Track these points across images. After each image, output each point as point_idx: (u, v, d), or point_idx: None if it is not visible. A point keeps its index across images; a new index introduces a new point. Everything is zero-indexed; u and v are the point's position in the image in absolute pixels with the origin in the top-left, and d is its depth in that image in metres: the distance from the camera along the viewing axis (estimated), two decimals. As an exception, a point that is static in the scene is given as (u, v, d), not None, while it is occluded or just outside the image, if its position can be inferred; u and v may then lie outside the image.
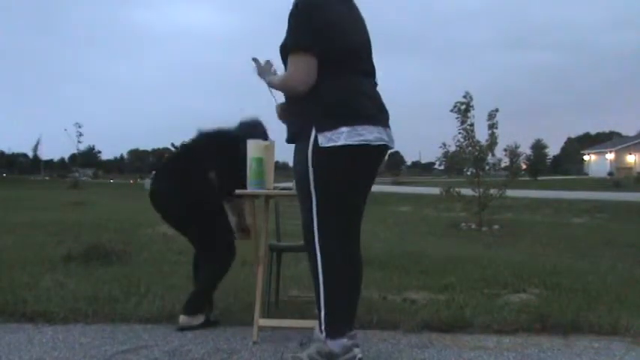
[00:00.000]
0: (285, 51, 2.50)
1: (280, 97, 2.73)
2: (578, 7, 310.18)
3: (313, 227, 2.46)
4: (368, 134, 2.43)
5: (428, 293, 3.98)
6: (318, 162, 2.42)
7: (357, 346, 2.52)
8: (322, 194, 2.45)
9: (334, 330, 2.44)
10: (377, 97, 2.59)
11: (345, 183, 2.48)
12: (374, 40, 2.68)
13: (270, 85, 2.69)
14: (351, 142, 2.39)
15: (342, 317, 2.48)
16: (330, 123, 2.40)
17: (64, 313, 3.36)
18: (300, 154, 2.48)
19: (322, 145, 2.40)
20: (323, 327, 2.44)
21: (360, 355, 2.49)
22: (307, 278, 4.39)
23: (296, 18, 2.46)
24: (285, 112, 2.71)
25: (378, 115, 2.53)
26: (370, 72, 2.63)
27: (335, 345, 2.42)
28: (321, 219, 2.46)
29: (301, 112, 2.50)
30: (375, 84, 2.65)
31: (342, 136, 2.39)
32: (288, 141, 2.63)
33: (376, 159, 2.55)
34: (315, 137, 2.41)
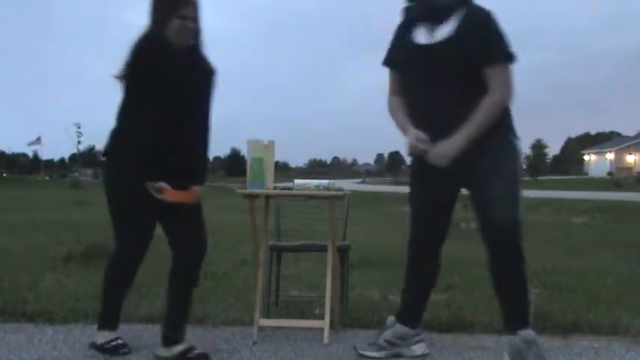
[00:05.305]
0: (476, 60, 2.53)
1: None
2: (578, 6, 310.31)
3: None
4: None
5: (428, 293, 3.96)
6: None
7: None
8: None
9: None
10: None
11: None
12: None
13: (470, 133, 2.52)
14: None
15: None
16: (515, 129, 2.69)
17: (64, 313, 3.36)
18: (511, 161, 2.65)
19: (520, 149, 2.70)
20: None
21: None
22: (307, 278, 4.40)
23: (500, 28, 2.56)
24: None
25: None
26: None
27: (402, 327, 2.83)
28: None
29: (495, 124, 2.57)
30: None
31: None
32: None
33: None
34: (517, 143, 2.68)
